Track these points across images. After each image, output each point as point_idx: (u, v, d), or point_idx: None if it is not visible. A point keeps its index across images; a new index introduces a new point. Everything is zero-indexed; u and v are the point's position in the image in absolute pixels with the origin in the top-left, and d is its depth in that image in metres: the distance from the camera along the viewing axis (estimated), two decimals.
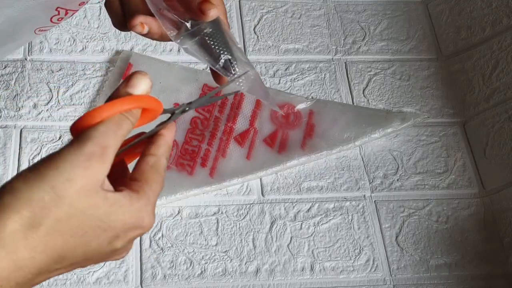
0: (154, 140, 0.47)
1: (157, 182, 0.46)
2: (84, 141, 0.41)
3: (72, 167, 0.40)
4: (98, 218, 0.41)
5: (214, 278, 0.89)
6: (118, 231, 0.43)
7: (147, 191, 0.45)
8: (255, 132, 1.00)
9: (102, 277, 0.87)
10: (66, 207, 0.40)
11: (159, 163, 0.46)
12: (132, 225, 0.43)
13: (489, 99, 1.04)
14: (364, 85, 1.09)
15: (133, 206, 0.43)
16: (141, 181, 0.45)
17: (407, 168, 1.01)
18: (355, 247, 0.93)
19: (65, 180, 0.40)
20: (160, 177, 0.46)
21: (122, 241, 0.44)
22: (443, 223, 0.97)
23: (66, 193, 0.40)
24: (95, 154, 0.41)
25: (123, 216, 0.43)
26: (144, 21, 0.53)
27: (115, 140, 0.42)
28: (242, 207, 0.95)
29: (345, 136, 1.01)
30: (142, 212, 0.44)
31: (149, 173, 0.45)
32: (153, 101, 0.45)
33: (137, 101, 0.44)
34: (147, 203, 0.44)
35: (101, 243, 0.42)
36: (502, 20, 1.08)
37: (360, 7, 1.18)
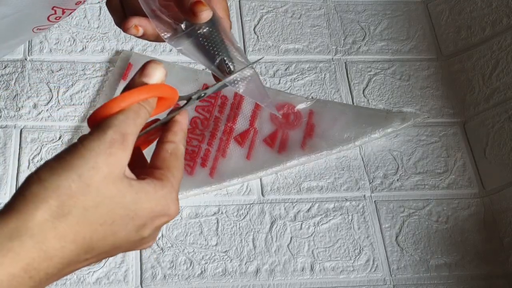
0: (170, 127, 0.47)
1: (178, 168, 0.46)
2: (105, 129, 0.41)
3: (96, 154, 0.40)
4: (125, 205, 0.41)
5: (214, 278, 0.89)
6: (145, 219, 0.43)
7: (170, 178, 0.45)
8: (255, 132, 1.00)
9: (102, 277, 0.87)
10: (93, 195, 0.40)
11: (177, 150, 0.47)
12: (159, 213, 0.43)
13: (489, 99, 1.04)
14: (364, 85, 1.09)
15: (158, 193, 0.43)
16: (163, 169, 0.45)
17: (407, 168, 1.01)
18: (355, 247, 0.93)
19: (91, 168, 0.40)
20: (181, 164, 0.47)
21: (149, 229, 0.44)
22: (443, 223, 0.97)
23: (92, 181, 0.40)
24: (116, 141, 0.41)
25: (149, 204, 0.43)
26: (139, 23, 0.53)
27: (134, 127, 0.42)
28: (242, 207, 0.95)
29: (345, 136, 1.01)
30: (167, 200, 0.44)
31: (169, 160, 0.46)
32: (168, 89, 0.46)
33: (153, 90, 0.44)
34: (171, 190, 0.45)
35: (129, 232, 0.42)
36: (502, 20, 1.08)
37: (360, 7, 1.18)
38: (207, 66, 0.52)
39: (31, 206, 0.39)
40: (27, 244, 0.38)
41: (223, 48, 0.52)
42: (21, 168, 0.95)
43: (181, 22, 0.52)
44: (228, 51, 0.52)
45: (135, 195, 0.42)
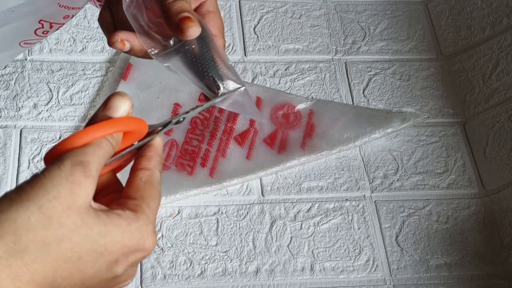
0: (144, 153, 0.44)
1: (154, 198, 0.42)
2: (64, 159, 0.38)
3: (57, 183, 0.37)
4: (92, 239, 0.38)
5: (214, 278, 0.89)
6: (116, 255, 0.39)
7: (145, 209, 0.41)
8: (255, 132, 1.00)
9: None
10: (55, 228, 0.36)
11: (152, 177, 0.43)
12: (133, 247, 0.40)
13: (489, 99, 1.04)
14: (364, 85, 1.09)
15: (131, 226, 0.40)
16: (137, 199, 0.41)
17: (407, 168, 1.01)
18: (355, 247, 0.93)
19: (52, 198, 0.37)
20: (157, 192, 0.43)
21: (122, 266, 0.40)
22: (443, 223, 0.97)
23: (54, 212, 0.37)
24: (77, 169, 0.38)
25: (121, 237, 0.39)
26: (125, 38, 0.51)
27: (95, 158, 0.39)
28: (242, 207, 0.95)
29: (345, 136, 1.01)
30: (142, 232, 0.40)
31: (144, 189, 0.42)
32: (134, 122, 0.43)
33: (117, 125, 0.41)
34: (146, 222, 0.41)
35: (99, 269, 0.39)
36: (502, 20, 1.08)
37: (360, 7, 1.18)
38: (195, 84, 0.50)
39: None
40: None
41: (212, 66, 0.50)
42: (21, 168, 0.95)
43: (169, 39, 0.50)
44: (217, 69, 0.50)
45: (104, 227, 0.38)
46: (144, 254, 0.41)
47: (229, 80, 0.50)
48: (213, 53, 0.50)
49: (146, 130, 0.44)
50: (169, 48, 0.50)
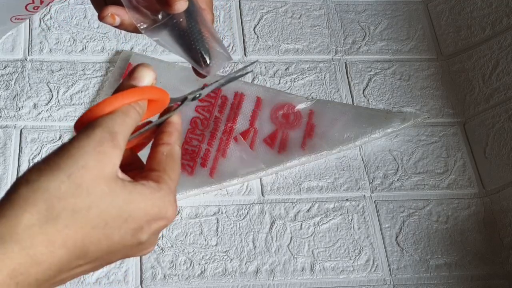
0: (165, 129, 0.47)
1: (175, 170, 0.44)
2: (93, 128, 0.40)
3: (86, 153, 0.39)
4: (118, 206, 0.40)
5: (214, 278, 0.89)
6: (141, 222, 0.41)
7: (167, 180, 0.43)
8: (255, 132, 1.00)
9: (102, 277, 0.87)
10: (84, 196, 0.38)
11: (173, 151, 0.45)
12: (155, 215, 0.42)
13: (489, 99, 1.04)
14: (364, 85, 1.09)
15: (154, 195, 0.42)
16: (159, 171, 0.43)
17: (407, 168, 1.01)
18: (355, 247, 0.93)
19: (81, 167, 0.38)
20: (177, 165, 0.45)
21: (146, 234, 0.42)
22: (443, 223, 0.97)
23: (83, 181, 0.38)
24: (106, 139, 0.40)
25: (145, 205, 0.41)
26: (115, 12, 0.51)
27: (124, 127, 0.41)
28: (242, 207, 0.95)
29: (345, 136, 1.01)
30: (164, 202, 0.42)
31: (165, 162, 0.44)
32: (158, 92, 0.45)
33: (142, 93, 0.43)
34: (168, 192, 0.43)
35: (124, 235, 0.41)
36: (502, 20, 1.08)
37: (360, 7, 1.18)
38: (183, 57, 0.52)
39: (18, 210, 0.37)
40: (13, 249, 0.37)
41: (200, 39, 0.51)
42: (21, 168, 0.95)
43: (158, 13, 0.50)
44: (204, 43, 0.51)
45: (129, 195, 0.40)
46: (166, 222, 0.43)
47: (217, 53, 0.52)
48: (201, 26, 0.51)
49: (168, 100, 0.47)
50: (157, 22, 0.51)
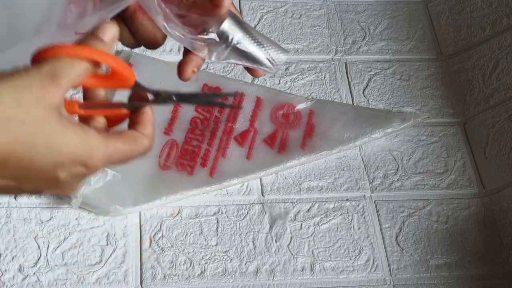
0: (138, 119, 0.49)
1: (128, 146, 0.46)
2: (44, 65, 0.43)
3: (33, 79, 0.42)
4: (49, 134, 0.42)
5: (214, 278, 0.89)
6: (64, 158, 0.43)
7: (110, 138, 0.45)
8: (255, 132, 1.00)
9: (102, 277, 0.87)
10: (22, 111, 0.41)
11: (141, 140, 0.48)
12: (80, 157, 0.43)
13: (489, 99, 1.04)
14: (364, 85, 1.09)
15: (87, 138, 0.44)
16: (113, 133, 0.46)
17: (407, 168, 1.01)
18: (355, 247, 0.93)
19: (26, 87, 0.41)
20: (133, 147, 0.47)
21: (66, 172, 0.44)
22: (443, 223, 0.97)
23: (24, 98, 0.41)
24: (50, 77, 0.42)
25: (73, 142, 0.43)
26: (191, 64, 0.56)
27: (69, 72, 0.43)
28: (242, 207, 0.95)
29: (345, 136, 1.01)
30: (92, 148, 0.44)
31: (127, 136, 0.47)
32: (119, 62, 0.46)
33: (100, 55, 0.45)
34: (104, 145, 0.44)
35: (45, 164, 0.42)
36: (502, 20, 1.08)
37: (360, 7, 1.18)
38: (255, 67, 0.54)
39: None
40: None
41: (260, 43, 0.53)
42: None
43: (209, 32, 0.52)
44: (265, 44, 0.53)
45: (62, 127, 0.42)
46: (87, 170, 0.45)
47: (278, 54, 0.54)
48: (250, 30, 0.53)
49: (133, 79, 0.47)
50: (213, 45, 0.52)
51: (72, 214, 0.91)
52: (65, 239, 0.89)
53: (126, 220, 0.92)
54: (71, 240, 0.89)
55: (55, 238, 0.89)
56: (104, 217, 0.91)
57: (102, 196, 0.91)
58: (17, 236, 0.89)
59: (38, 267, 0.87)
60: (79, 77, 0.44)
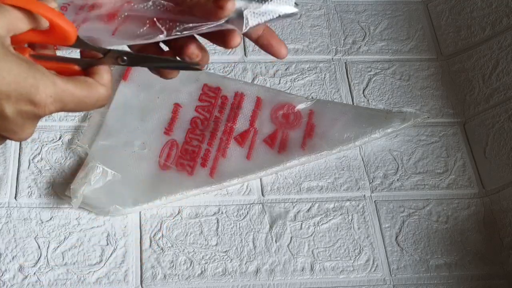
0: (93, 70, 0.47)
1: (80, 90, 0.45)
2: None
3: None
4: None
5: (214, 278, 0.89)
6: (8, 89, 0.42)
7: (60, 77, 0.44)
8: (255, 132, 1.00)
9: (102, 277, 0.87)
10: None
11: (96, 87, 0.46)
12: (24, 89, 0.42)
13: (489, 99, 1.04)
14: (364, 85, 1.09)
15: (33, 71, 0.42)
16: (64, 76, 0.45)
17: (407, 168, 1.01)
18: (355, 247, 0.93)
19: None
20: (87, 92, 0.45)
21: (12, 107, 0.42)
22: (443, 223, 0.97)
23: None
24: None
25: (16, 71, 0.42)
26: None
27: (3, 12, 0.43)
28: (242, 207, 0.95)
29: (345, 136, 1.01)
30: (38, 81, 0.42)
31: (79, 80, 0.45)
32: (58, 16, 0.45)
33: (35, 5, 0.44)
34: (51, 82, 0.43)
35: None
36: (502, 20, 1.08)
37: (360, 7, 1.18)
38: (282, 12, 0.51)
39: None
40: None
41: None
42: (21, 168, 0.95)
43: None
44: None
45: (4, 55, 0.41)
46: (36, 109, 0.43)
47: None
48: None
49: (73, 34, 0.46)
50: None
51: (72, 214, 0.91)
52: (65, 239, 0.89)
53: (126, 220, 0.92)
54: (71, 240, 0.89)
55: (55, 238, 0.89)
56: (104, 217, 0.91)
57: (102, 196, 0.91)
58: (17, 236, 0.89)
59: (38, 267, 0.87)
60: (9, 24, 0.43)
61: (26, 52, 0.46)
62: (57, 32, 0.46)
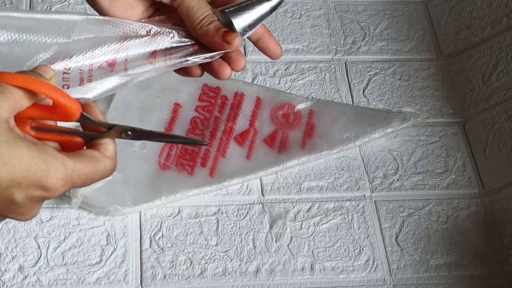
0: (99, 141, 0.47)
1: (89, 166, 0.44)
2: None
3: None
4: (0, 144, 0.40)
5: (214, 278, 0.89)
6: (18, 175, 0.41)
7: (68, 157, 0.43)
8: (255, 132, 1.00)
9: (102, 277, 0.87)
10: None
11: (103, 160, 0.46)
12: (35, 176, 0.41)
13: (489, 99, 1.04)
14: (364, 85, 1.09)
15: (43, 155, 0.42)
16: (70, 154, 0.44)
17: (407, 168, 1.01)
18: (355, 247, 0.93)
19: None
20: (95, 168, 0.45)
21: (22, 194, 0.41)
22: (443, 223, 0.97)
23: None
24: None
25: (27, 157, 0.41)
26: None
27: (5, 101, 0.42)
28: (242, 207, 0.95)
29: (345, 136, 1.01)
30: (49, 166, 0.42)
31: (86, 156, 0.45)
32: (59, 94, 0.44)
33: (34, 84, 0.44)
34: (61, 164, 0.42)
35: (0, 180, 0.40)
36: (502, 20, 1.08)
37: (360, 7, 1.18)
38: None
39: None
40: None
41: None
42: None
43: None
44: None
45: (13, 140, 0.41)
46: (46, 193, 0.42)
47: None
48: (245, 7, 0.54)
49: (77, 112, 0.46)
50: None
51: (72, 214, 0.91)
52: (65, 239, 0.89)
53: (126, 220, 0.92)
54: (71, 240, 0.89)
55: (55, 238, 0.89)
56: (104, 217, 0.91)
57: (102, 196, 0.91)
58: (17, 236, 0.89)
59: (38, 267, 0.87)
60: (10, 106, 0.42)
61: (27, 124, 0.45)
62: (61, 110, 0.45)
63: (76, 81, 0.50)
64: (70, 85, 0.50)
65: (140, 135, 0.49)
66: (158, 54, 0.53)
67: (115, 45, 0.52)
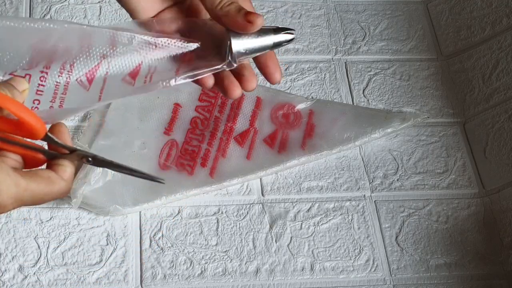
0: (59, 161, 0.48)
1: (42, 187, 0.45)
2: None
3: None
4: None
5: (214, 278, 0.89)
6: None
7: (23, 176, 0.44)
8: (255, 132, 1.00)
9: (102, 277, 0.87)
10: None
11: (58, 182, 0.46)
12: None
13: (489, 99, 1.04)
14: (364, 85, 1.09)
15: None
16: (27, 171, 0.45)
17: (407, 168, 1.01)
18: (355, 247, 0.93)
19: None
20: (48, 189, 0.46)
21: None
22: (443, 223, 0.97)
23: None
24: None
25: None
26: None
27: None
28: (242, 207, 0.95)
29: (345, 136, 1.01)
30: (1, 184, 0.43)
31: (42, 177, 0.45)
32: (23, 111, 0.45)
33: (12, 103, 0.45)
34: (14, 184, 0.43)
35: None
36: (502, 20, 1.08)
37: (360, 7, 1.18)
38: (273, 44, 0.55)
39: None
40: None
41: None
42: None
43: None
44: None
45: None
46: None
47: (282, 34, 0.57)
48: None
49: (42, 131, 0.47)
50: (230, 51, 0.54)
51: (72, 214, 0.91)
52: (65, 239, 0.89)
53: (126, 220, 0.92)
54: (71, 240, 0.89)
55: (55, 238, 0.89)
56: (104, 217, 0.91)
57: (102, 196, 0.91)
58: (17, 236, 0.89)
59: (38, 267, 0.87)
60: None
61: None
62: (26, 127, 0.46)
63: (49, 96, 0.51)
64: (41, 100, 0.51)
65: (100, 163, 0.51)
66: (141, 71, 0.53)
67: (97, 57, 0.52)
